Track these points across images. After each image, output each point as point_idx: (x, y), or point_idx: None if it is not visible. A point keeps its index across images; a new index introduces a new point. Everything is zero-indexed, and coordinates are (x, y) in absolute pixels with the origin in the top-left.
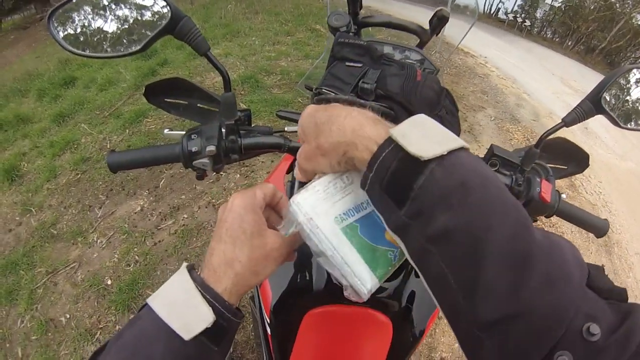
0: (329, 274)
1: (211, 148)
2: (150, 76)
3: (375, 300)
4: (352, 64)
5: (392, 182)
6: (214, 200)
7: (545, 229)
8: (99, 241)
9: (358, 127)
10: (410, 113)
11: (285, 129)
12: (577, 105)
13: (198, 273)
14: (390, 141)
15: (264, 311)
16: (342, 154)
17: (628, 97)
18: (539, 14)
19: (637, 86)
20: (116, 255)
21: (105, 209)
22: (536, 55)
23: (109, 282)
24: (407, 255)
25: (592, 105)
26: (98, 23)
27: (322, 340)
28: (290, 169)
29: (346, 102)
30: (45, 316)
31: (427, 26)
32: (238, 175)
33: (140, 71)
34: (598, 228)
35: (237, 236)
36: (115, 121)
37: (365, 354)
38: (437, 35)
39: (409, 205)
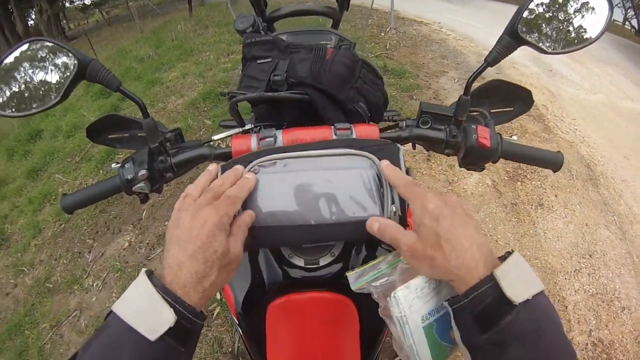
0: (283, 265)
1: (143, 172)
2: (113, 113)
3: (333, 284)
4: (262, 60)
5: (483, 313)
6: None
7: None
8: (94, 284)
9: (469, 261)
10: (323, 92)
11: (213, 137)
12: (497, 42)
13: (158, 278)
14: (491, 278)
15: (231, 314)
16: (447, 278)
17: (545, 22)
18: None
19: (551, 8)
20: (114, 295)
21: (95, 251)
22: (490, 10)
23: None
24: None
25: (510, 39)
26: (15, 85)
27: (291, 330)
28: None
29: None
30: None
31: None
32: None
33: (103, 109)
34: (552, 162)
35: (209, 256)
36: (87, 165)
37: (337, 339)
38: (346, 10)
39: (491, 335)
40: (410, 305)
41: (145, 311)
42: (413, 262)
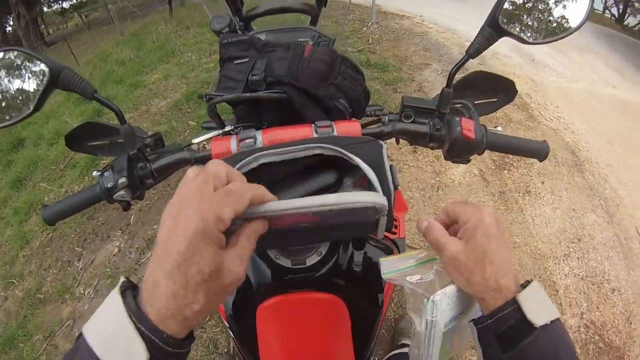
0: (270, 266)
1: (122, 180)
2: (96, 118)
3: (320, 282)
4: (240, 60)
5: (505, 334)
6: None
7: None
8: (86, 292)
9: (504, 286)
10: (302, 90)
11: (193, 140)
12: (478, 33)
13: (133, 295)
14: (514, 301)
15: (222, 318)
16: (479, 296)
17: (526, 12)
18: None
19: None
20: None
21: (84, 259)
22: (470, 3)
23: None
24: None
25: (491, 30)
26: None
27: (282, 331)
28: None
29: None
30: None
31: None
32: None
33: (86, 115)
34: (538, 152)
35: (190, 277)
36: (72, 172)
37: (329, 338)
38: (324, 6)
39: (512, 354)
40: (441, 311)
41: (115, 341)
42: (451, 270)
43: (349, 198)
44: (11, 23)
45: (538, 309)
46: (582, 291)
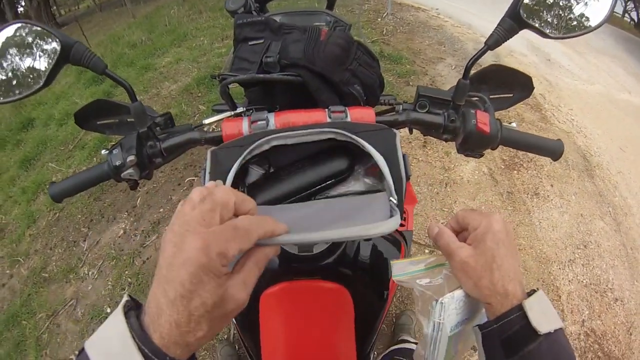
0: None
1: (131, 158)
2: None
3: (326, 271)
4: (254, 41)
5: (510, 339)
6: None
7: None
8: (90, 273)
9: (510, 291)
10: (317, 74)
11: (204, 121)
12: (497, 24)
13: (136, 316)
14: (520, 308)
15: None
16: (485, 300)
17: (547, 6)
18: None
19: None
20: (110, 283)
21: (90, 240)
22: None
23: (109, 309)
24: None
25: (512, 22)
26: (1, 70)
27: (285, 319)
28: None
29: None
30: (56, 359)
31: None
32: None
33: (96, 96)
34: (552, 151)
35: (193, 309)
36: (81, 152)
37: (332, 328)
38: None
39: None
40: (449, 314)
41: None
42: (460, 275)
43: (364, 232)
44: (23, 3)
45: (542, 317)
46: (584, 298)
